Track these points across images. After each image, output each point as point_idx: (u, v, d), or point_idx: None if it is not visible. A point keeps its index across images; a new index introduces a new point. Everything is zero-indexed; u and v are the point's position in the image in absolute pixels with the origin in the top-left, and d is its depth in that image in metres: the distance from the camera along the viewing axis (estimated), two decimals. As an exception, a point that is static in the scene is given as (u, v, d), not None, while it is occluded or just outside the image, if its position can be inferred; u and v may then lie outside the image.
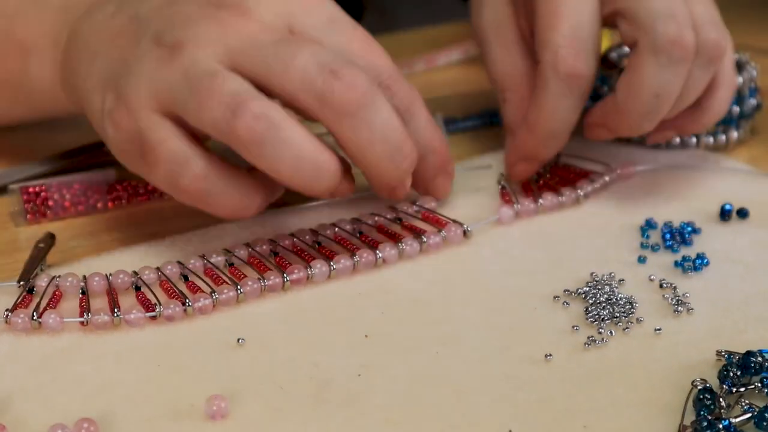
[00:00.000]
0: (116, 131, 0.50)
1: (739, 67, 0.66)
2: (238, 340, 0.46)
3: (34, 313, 0.47)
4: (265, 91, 0.48)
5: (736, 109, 0.64)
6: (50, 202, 0.57)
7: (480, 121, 0.69)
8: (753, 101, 0.65)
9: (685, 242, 0.54)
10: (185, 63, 0.48)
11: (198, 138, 0.49)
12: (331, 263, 0.51)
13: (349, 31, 0.52)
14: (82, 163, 0.61)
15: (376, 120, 0.48)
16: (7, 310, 0.47)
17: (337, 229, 0.54)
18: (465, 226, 0.54)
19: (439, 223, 0.55)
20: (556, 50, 0.55)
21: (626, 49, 0.68)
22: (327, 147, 0.48)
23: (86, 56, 0.53)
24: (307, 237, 0.54)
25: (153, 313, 0.48)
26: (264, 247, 0.53)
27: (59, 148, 0.63)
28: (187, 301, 0.48)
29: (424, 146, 0.53)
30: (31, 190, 0.57)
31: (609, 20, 0.58)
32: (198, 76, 0.47)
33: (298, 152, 0.47)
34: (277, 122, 0.47)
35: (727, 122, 0.64)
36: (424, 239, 0.53)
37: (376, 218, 0.55)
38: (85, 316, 0.47)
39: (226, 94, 0.47)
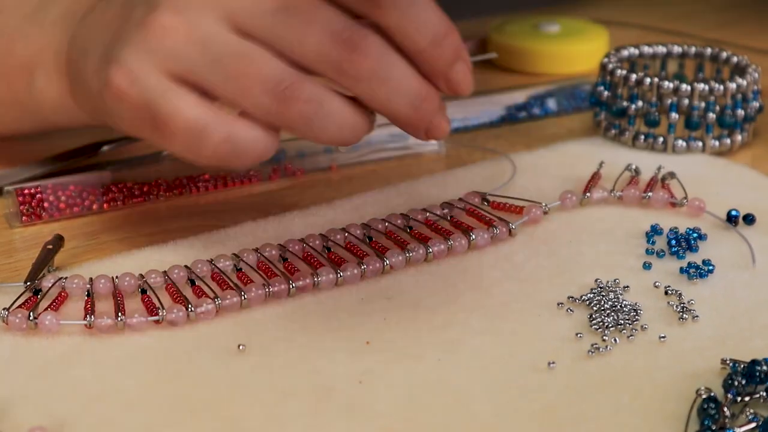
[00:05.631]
0: (119, 103, 0.48)
1: (741, 69, 0.66)
2: (239, 346, 0.46)
3: (31, 314, 0.47)
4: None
5: (741, 112, 0.64)
6: (45, 204, 0.57)
7: (479, 121, 0.69)
8: (756, 104, 0.65)
9: (691, 248, 0.53)
10: (190, 29, 0.46)
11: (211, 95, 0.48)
12: (339, 271, 0.50)
13: None
14: (77, 165, 0.61)
15: (392, 78, 0.48)
16: (4, 309, 0.47)
17: (347, 234, 0.54)
18: (510, 224, 0.54)
19: (484, 220, 0.55)
20: None
21: (624, 52, 0.68)
22: (359, 106, 0.48)
23: (84, 52, 0.52)
24: (317, 242, 0.53)
25: (156, 317, 0.47)
26: (273, 252, 0.52)
27: (54, 149, 0.62)
28: (190, 306, 0.48)
29: (434, 35, 0.50)
30: (26, 191, 0.56)
31: None
32: (220, 54, 0.46)
33: (341, 121, 0.47)
34: (323, 99, 0.47)
35: (732, 126, 0.64)
36: (473, 236, 0.53)
37: (419, 216, 0.55)
38: (88, 319, 0.47)
39: (268, 82, 0.46)
